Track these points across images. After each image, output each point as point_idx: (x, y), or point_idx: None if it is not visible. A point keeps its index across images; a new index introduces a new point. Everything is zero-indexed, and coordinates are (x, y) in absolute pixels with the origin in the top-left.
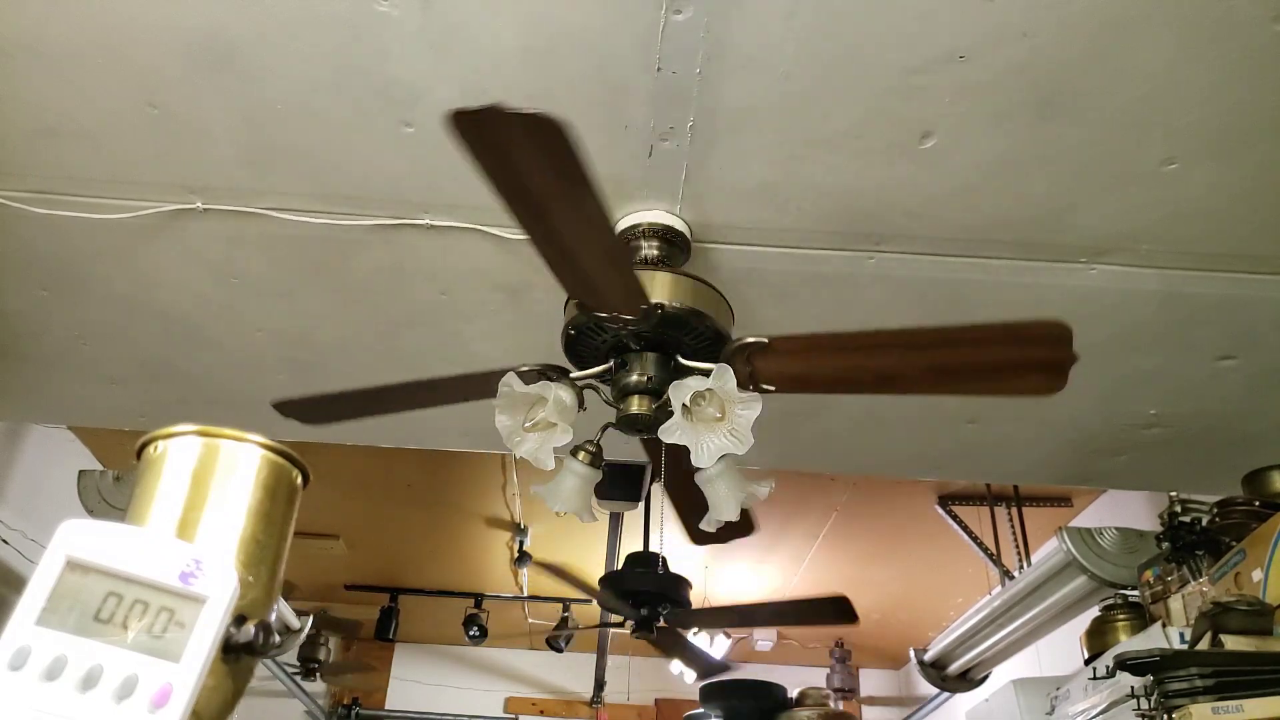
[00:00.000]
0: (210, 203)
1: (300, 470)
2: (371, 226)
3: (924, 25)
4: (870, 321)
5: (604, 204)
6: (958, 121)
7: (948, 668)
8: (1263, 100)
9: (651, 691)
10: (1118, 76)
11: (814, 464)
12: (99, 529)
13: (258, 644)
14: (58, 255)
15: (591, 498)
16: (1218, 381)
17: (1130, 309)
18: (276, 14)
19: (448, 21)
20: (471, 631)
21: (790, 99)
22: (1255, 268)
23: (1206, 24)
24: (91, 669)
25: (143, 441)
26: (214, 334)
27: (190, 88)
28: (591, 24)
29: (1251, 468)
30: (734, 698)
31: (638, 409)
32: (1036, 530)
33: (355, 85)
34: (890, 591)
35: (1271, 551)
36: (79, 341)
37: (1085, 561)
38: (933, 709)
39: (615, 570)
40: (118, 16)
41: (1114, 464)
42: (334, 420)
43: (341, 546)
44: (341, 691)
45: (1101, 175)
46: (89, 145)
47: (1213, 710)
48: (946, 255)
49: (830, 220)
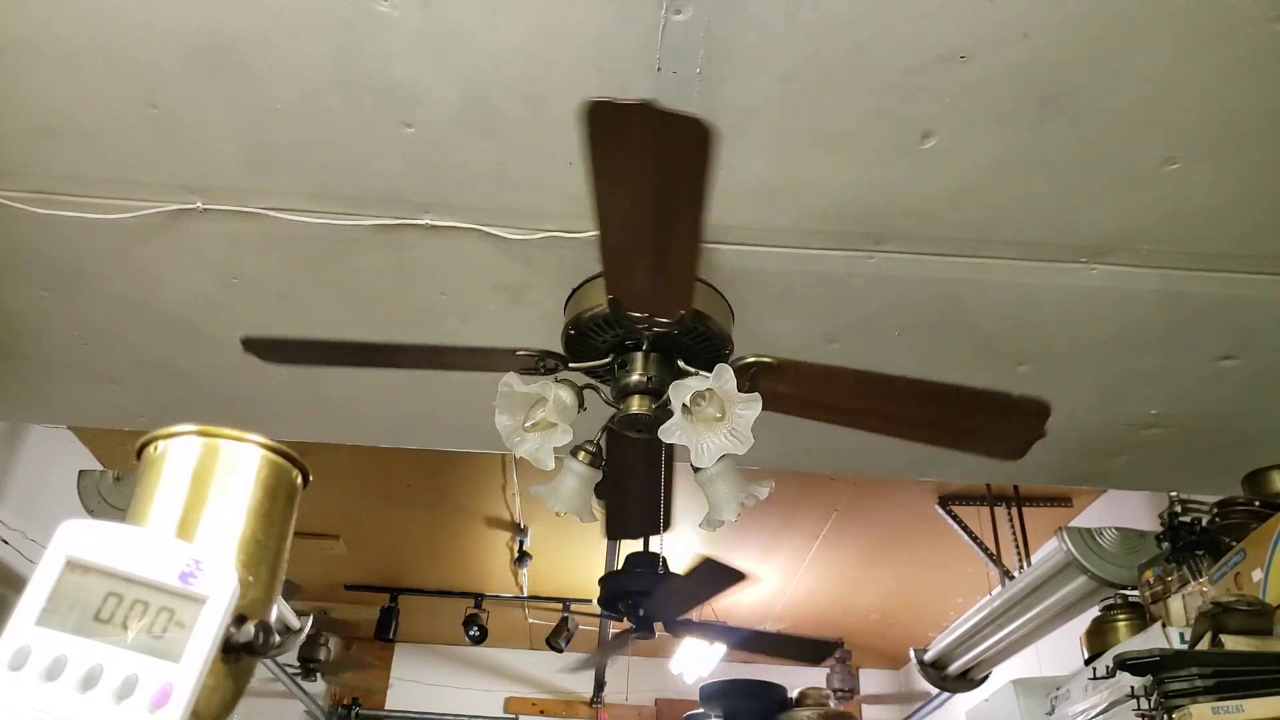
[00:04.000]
0: (210, 203)
1: (300, 470)
2: (371, 226)
3: (924, 25)
4: (870, 321)
5: (707, 215)
6: (958, 121)
7: (948, 668)
8: (1263, 100)
9: (651, 691)
10: (1118, 76)
11: (814, 464)
12: (99, 529)
13: (258, 644)
14: (58, 255)
15: (591, 498)
16: (1218, 381)
17: (1130, 309)
18: (276, 14)
19: (448, 21)
20: (471, 632)
21: (790, 99)
22: (1255, 268)
23: (1206, 24)
24: (91, 669)
25: (143, 441)
26: (214, 334)
27: (190, 88)
28: (591, 24)
29: (1251, 468)
30: (734, 698)
31: (638, 409)
32: (1036, 530)
33: (355, 85)
34: (890, 591)
35: (1271, 551)
36: (79, 341)
37: (1085, 561)
38: (933, 709)
39: (615, 570)
40: (118, 16)
41: (1114, 464)
42: (301, 362)
43: (341, 546)
44: (342, 692)
45: (1102, 175)
46: (89, 145)
47: (1213, 710)
48: (946, 255)
49: (830, 220)
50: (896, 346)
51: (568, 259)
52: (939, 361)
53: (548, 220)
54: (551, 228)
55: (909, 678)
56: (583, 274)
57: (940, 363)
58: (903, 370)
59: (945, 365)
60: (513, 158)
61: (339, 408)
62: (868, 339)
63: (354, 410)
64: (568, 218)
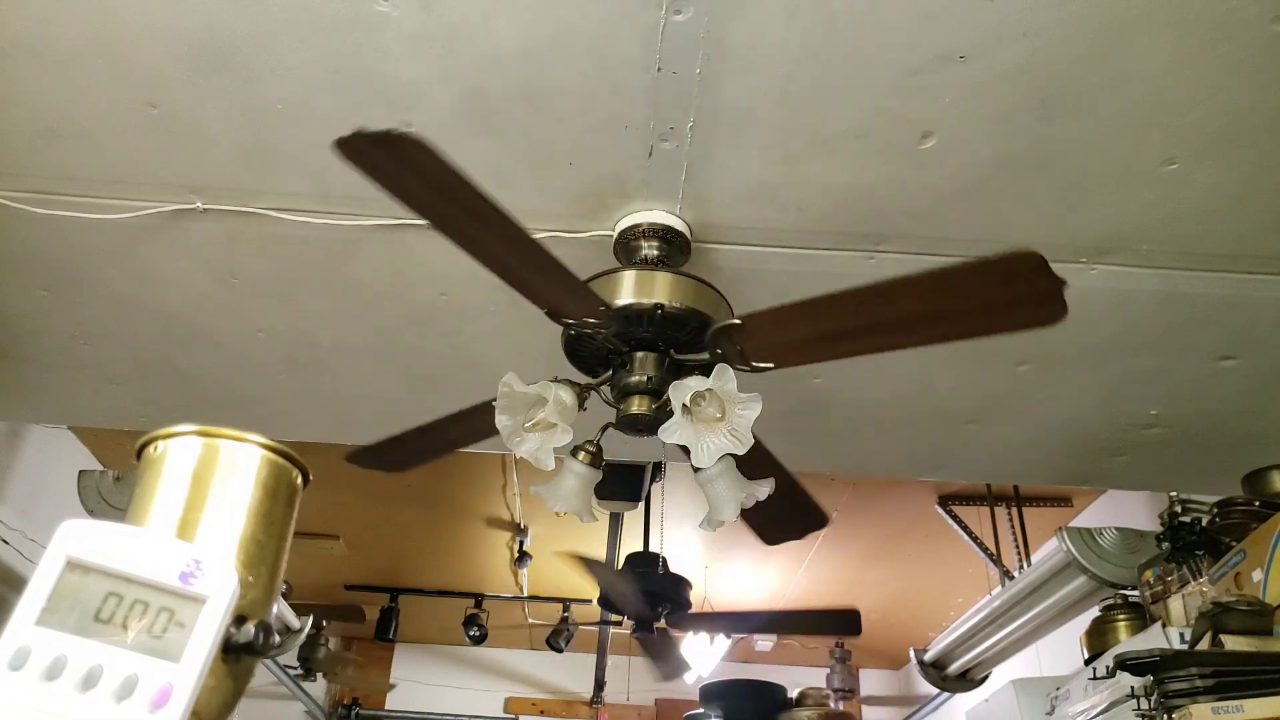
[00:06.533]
0: (210, 203)
1: (300, 470)
2: (371, 226)
3: (924, 25)
4: None
5: (504, 211)
6: (958, 121)
7: (948, 668)
8: (1262, 100)
9: (651, 691)
10: (1118, 77)
11: (814, 464)
12: (99, 529)
13: (258, 644)
14: (58, 255)
15: (591, 498)
16: (1218, 381)
17: (1130, 309)
18: (276, 14)
19: (448, 21)
20: (471, 631)
21: (790, 99)
22: (1255, 268)
23: (1206, 25)
24: (91, 669)
25: (143, 441)
26: (214, 334)
27: (190, 88)
28: (591, 24)
29: (1251, 468)
30: (734, 698)
31: (638, 409)
32: (1036, 530)
33: (355, 85)
34: (890, 591)
35: (1271, 551)
36: (79, 341)
37: (1085, 561)
38: (933, 709)
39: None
40: (118, 16)
41: (1114, 464)
42: (416, 463)
43: (341, 546)
44: (342, 692)
45: (1101, 175)
46: (89, 145)
47: (1213, 710)
48: (946, 255)
49: (830, 220)
50: None
51: (568, 259)
52: (939, 362)
53: (548, 220)
54: (551, 228)
55: (909, 678)
56: (582, 274)
57: (940, 363)
58: (901, 367)
59: (945, 365)
60: (513, 158)
61: (339, 408)
62: None
63: (354, 410)
64: (568, 218)
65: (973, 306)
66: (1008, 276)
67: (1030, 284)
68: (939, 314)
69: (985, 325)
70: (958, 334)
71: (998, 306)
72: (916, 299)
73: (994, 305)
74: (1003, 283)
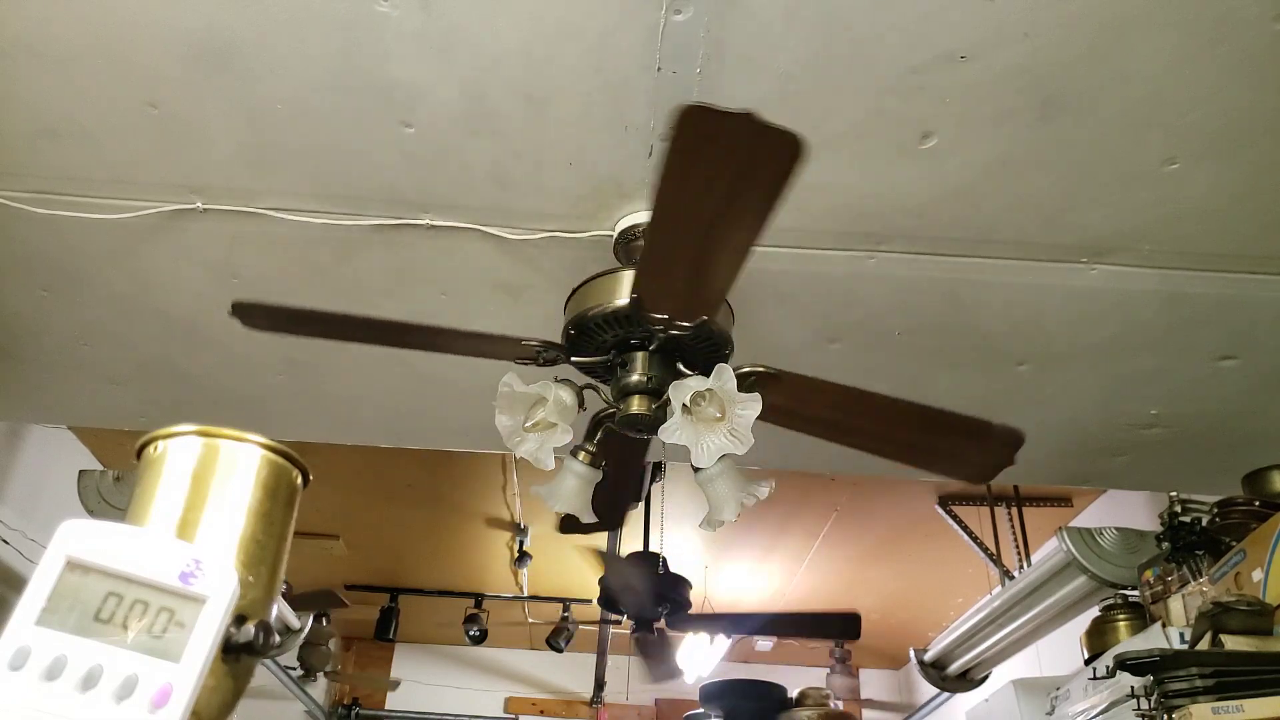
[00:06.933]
0: (210, 203)
1: (300, 470)
2: (371, 226)
3: (924, 25)
4: (870, 321)
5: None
6: (958, 121)
7: (948, 668)
8: (1263, 100)
9: (651, 691)
10: (1118, 77)
11: (814, 464)
12: (99, 529)
13: (258, 644)
14: (58, 255)
15: (591, 498)
16: (1218, 381)
17: (1130, 309)
18: (276, 14)
19: (448, 21)
20: (471, 631)
21: (790, 99)
22: (1255, 268)
23: (1206, 24)
24: (91, 669)
25: (143, 441)
26: (214, 334)
27: (190, 88)
28: (591, 24)
29: (1251, 468)
30: (734, 698)
31: (638, 409)
32: (1036, 530)
33: (355, 85)
34: (890, 591)
35: (1271, 551)
36: (79, 341)
37: (1085, 561)
38: (933, 709)
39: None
40: (118, 16)
41: (1114, 464)
42: (288, 331)
43: (341, 546)
44: (342, 692)
45: (1101, 175)
46: (89, 145)
47: (1213, 710)
48: (946, 255)
49: (830, 220)
50: (896, 346)
51: (568, 259)
52: (939, 362)
53: (548, 220)
54: (551, 228)
55: (909, 678)
56: (583, 274)
57: (940, 363)
58: (903, 370)
59: (945, 365)
60: (513, 158)
61: (339, 408)
62: (868, 339)
63: (354, 410)
64: (568, 218)
65: (943, 449)
66: (988, 438)
67: (996, 452)
68: (917, 443)
69: (935, 467)
70: (910, 463)
71: (958, 456)
72: (914, 425)
73: (957, 454)
74: (980, 441)
